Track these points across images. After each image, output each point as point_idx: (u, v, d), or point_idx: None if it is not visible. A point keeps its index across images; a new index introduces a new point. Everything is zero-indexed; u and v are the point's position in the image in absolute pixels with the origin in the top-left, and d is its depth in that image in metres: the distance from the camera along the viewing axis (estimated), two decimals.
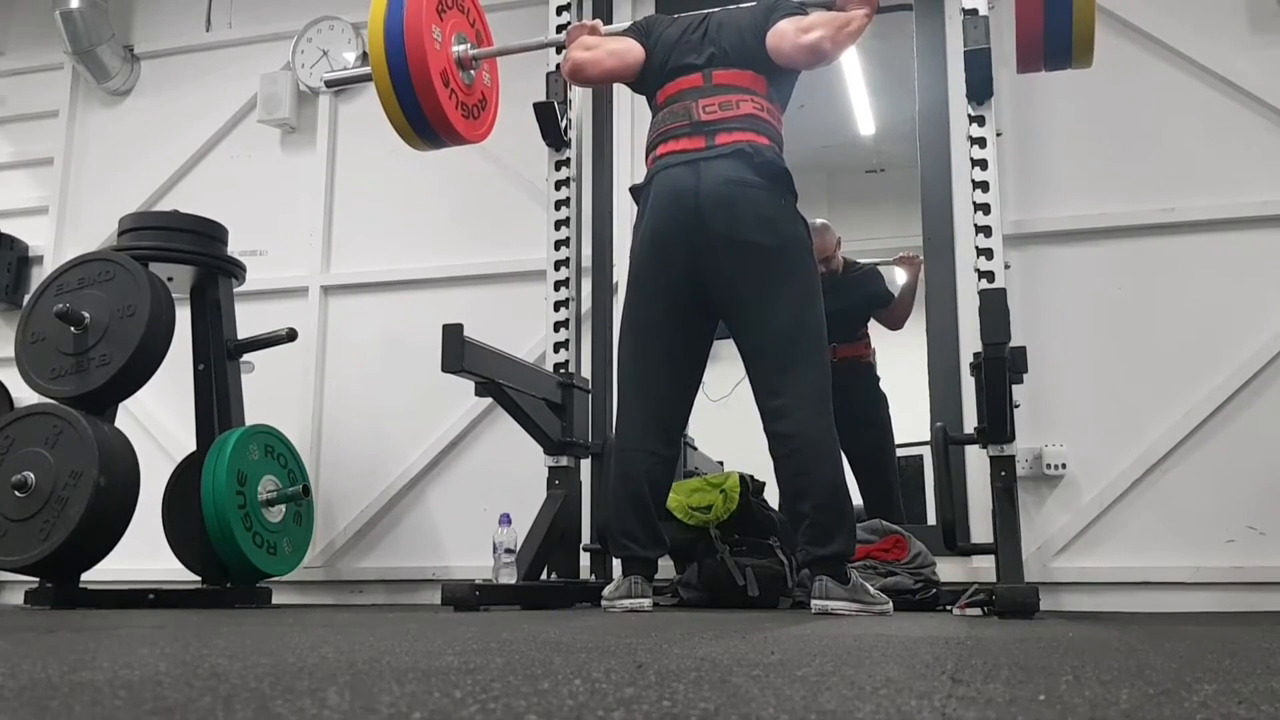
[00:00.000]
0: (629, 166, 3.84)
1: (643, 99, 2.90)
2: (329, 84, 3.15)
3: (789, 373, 2.52)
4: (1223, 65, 3.37)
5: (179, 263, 3.26)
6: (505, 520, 2.88)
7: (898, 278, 4.41)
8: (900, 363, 4.25)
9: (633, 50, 2.78)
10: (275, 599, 3.37)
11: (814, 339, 2.55)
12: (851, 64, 4.83)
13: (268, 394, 3.59)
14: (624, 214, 3.75)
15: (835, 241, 4.26)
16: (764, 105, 2.66)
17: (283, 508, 3.25)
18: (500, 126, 3.92)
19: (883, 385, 4.30)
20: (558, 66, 3.52)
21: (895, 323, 4.29)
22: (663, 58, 2.75)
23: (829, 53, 2.62)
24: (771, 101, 2.69)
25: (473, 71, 3.04)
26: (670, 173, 2.63)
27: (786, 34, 2.62)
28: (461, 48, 2.98)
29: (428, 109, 2.81)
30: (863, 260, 4.42)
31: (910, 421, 4.35)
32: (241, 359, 3.39)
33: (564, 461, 3.25)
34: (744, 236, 2.54)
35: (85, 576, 2.97)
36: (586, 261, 3.61)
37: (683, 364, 2.73)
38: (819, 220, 4.09)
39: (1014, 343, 2.83)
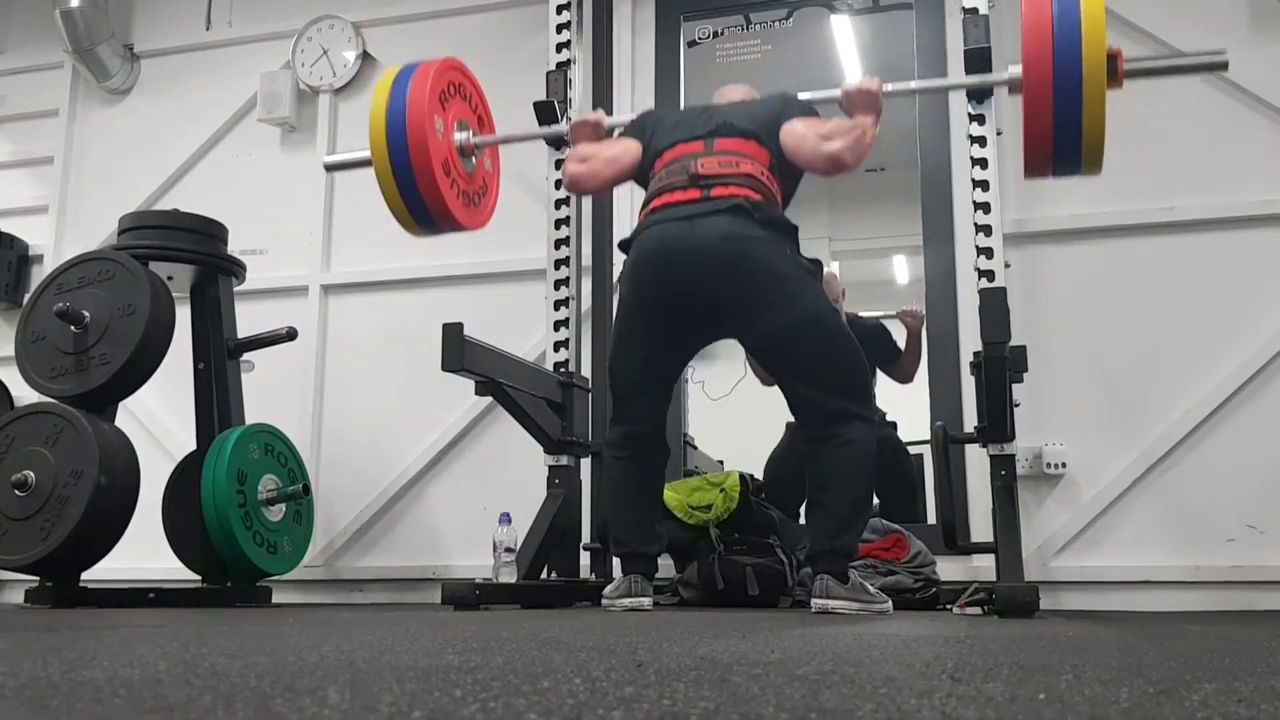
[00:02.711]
0: None
1: (645, 87, 2.88)
2: (329, 168, 3.11)
3: (829, 394, 2.48)
4: None
5: (179, 262, 3.26)
6: (505, 519, 2.88)
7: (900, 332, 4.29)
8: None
9: (628, 152, 2.73)
10: (275, 598, 3.37)
11: (848, 361, 2.50)
12: (851, 63, 4.82)
13: (268, 393, 3.59)
14: (624, 213, 3.76)
15: (841, 291, 4.19)
16: (764, 173, 2.57)
17: (283, 507, 3.25)
18: (500, 124, 3.92)
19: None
20: (558, 65, 3.53)
21: (904, 377, 4.14)
22: (661, 139, 2.70)
23: (849, 165, 2.55)
24: (773, 173, 2.59)
25: (474, 159, 2.98)
26: (661, 229, 2.52)
27: (806, 138, 2.55)
28: (464, 135, 2.92)
29: (429, 200, 2.75)
30: (864, 314, 4.34)
31: (911, 421, 4.34)
32: (241, 358, 3.39)
33: (564, 460, 3.25)
34: (753, 295, 2.45)
35: (85, 575, 2.97)
36: (586, 261, 3.61)
37: (673, 380, 2.76)
38: (825, 269, 4.01)
39: (1014, 342, 2.83)
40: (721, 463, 4.37)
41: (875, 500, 3.13)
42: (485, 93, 3.09)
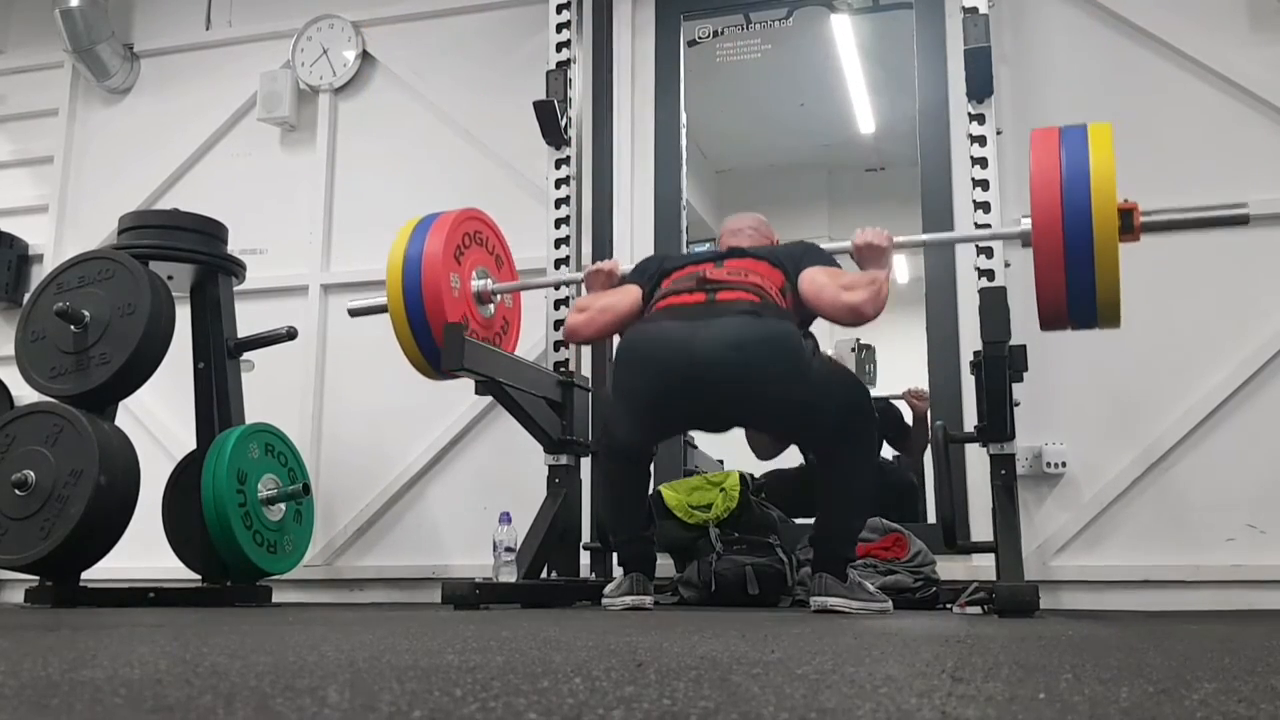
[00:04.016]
0: (629, 166, 3.84)
1: (645, 87, 2.87)
2: (353, 313, 3.17)
3: (844, 430, 2.48)
4: (1223, 63, 3.36)
5: (179, 261, 3.25)
6: (505, 519, 2.88)
7: (905, 410, 4.23)
8: (900, 360, 4.24)
9: (627, 297, 2.71)
10: (275, 597, 3.37)
11: (858, 402, 2.49)
12: (852, 62, 4.83)
13: (268, 392, 3.59)
14: (624, 213, 3.76)
15: (854, 347, 4.13)
16: (775, 291, 2.55)
17: (283, 506, 3.25)
18: (500, 124, 3.92)
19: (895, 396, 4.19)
20: (558, 65, 3.53)
21: (917, 457, 4.09)
22: (670, 265, 2.72)
23: (869, 317, 2.53)
24: (784, 295, 2.57)
25: (492, 305, 3.01)
26: (663, 326, 2.49)
27: (826, 286, 2.53)
28: (482, 283, 2.95)
29: None
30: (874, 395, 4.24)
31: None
32: (242, 357, 3.39)
33: (564, 460, 3.25)
34: (764, 403, 2.43)
35: (85, 575, 2.97)
36: (586, 260, 3.61)
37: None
38: (829, 350, 3.96)
39: (1014, 341, 2.83)
40: (721, 462, 4.37)
41: None
42: (501, 232, 3.15)
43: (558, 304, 3.39)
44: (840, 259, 2.70)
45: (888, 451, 4.17)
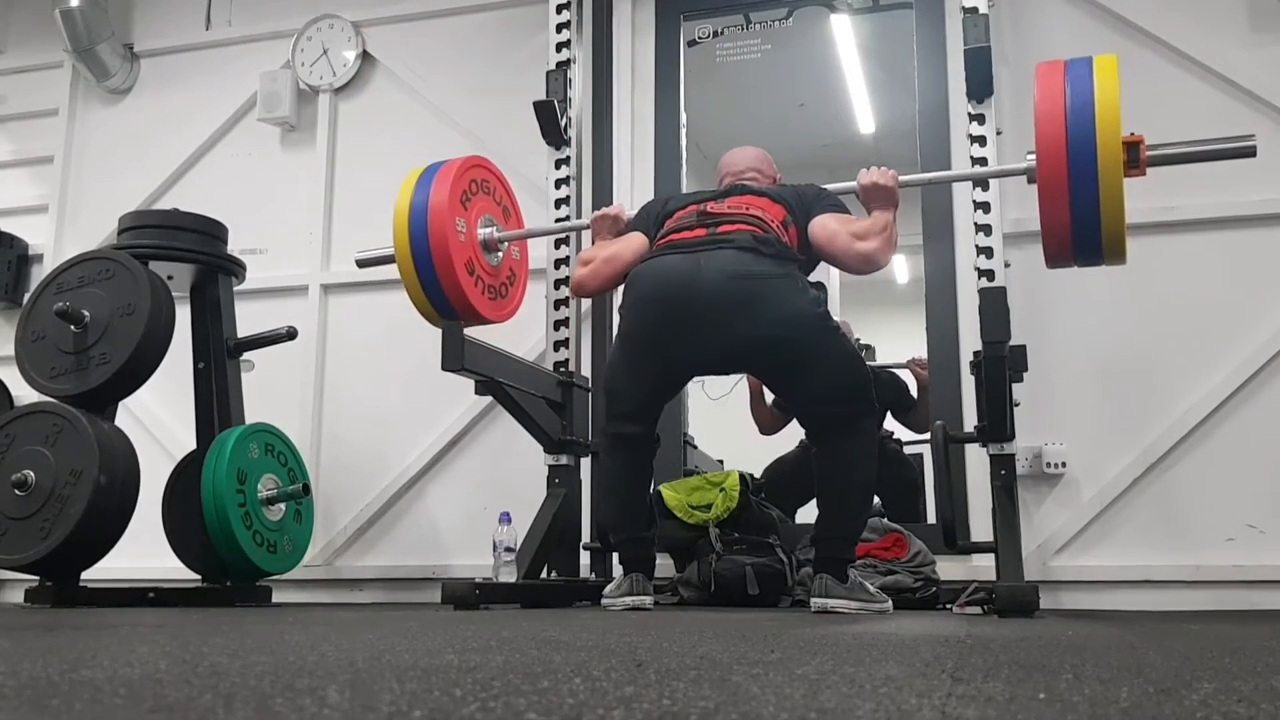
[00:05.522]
0: (629, 166, 3.84)
1: (645, 87, 2.88)
2: (360, 264, 3.20)
3: (839, 404, 2.48)
4: (1223, 63, 3.36)
5: (179, 261, 3.26)
6: (505, 519, 2.89)
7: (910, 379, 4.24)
8: (900, 360, 4.24)
9: (631, 245, 2.71)
10: (275, 597, 3.37)
11: (854, 372, 2.50)
12: (851, 63, 4.83)
13: (268, 392, 3.59)
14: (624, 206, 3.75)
15: (854, 342, 4.13)
16: (777, 224, 2.56)
17: (283, 506, 3.25)
18: (500, 124, 3.92)
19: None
20: (558, 65, 3.53)
21: (918, 426, 4.07)
22: (673, 205, 2.74)
23: (881, 264, 2.55)
24: (786, 228, 2.58)
25: (499, 253, 3.03)
26: (665, 262, 2.52)
27: (838, 234, 2.54)
28: (488, 231, 2.98)
29: (453, 299, 2.82)
30: (877, 364, 4.26)
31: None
32: (242, 357, 3.39)
33: (564, 460, 3.25)
34: (765, 334, 2.41)
35: (85, 575, 2.97)
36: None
37: (672, 398, 2.84)
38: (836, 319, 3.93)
39: (1014, 341, 2.83)
40: (721, 462, 4.37)
41: (877, 500, 3.14)
42: (509, 182, 3.19)
43: (558, 304, 3.38)
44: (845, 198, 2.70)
45: (893, 429, 4.19)
